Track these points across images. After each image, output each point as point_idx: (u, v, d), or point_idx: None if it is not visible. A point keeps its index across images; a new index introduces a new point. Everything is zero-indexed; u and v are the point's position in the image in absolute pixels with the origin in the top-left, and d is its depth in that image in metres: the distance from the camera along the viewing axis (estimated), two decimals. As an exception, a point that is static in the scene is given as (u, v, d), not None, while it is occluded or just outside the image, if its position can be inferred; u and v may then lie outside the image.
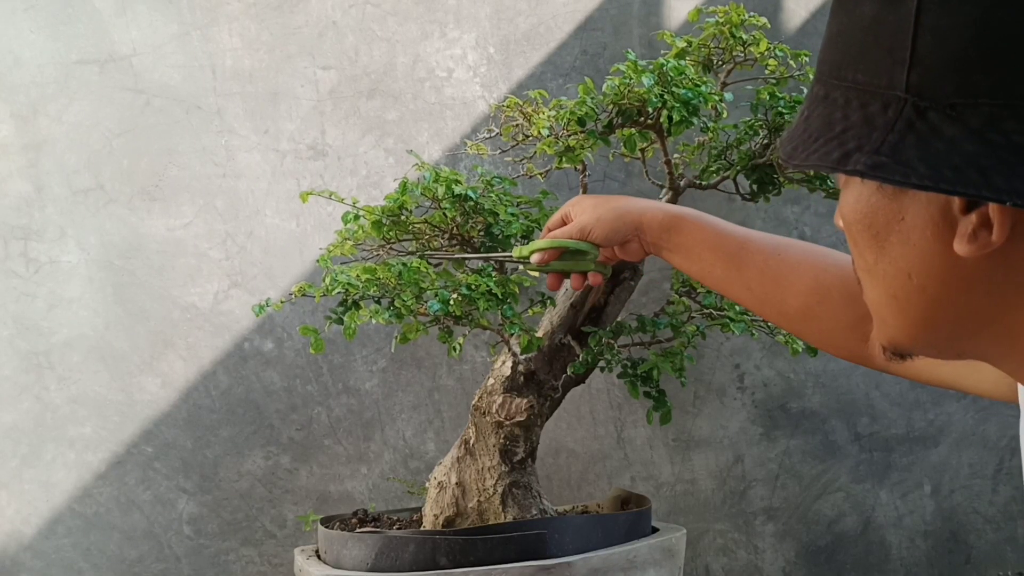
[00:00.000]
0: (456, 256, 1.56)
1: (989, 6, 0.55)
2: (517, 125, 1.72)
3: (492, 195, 1.69)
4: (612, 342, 1.69)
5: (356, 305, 1.56)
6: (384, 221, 1.66)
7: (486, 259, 1.54)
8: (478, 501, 1.75)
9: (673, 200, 1.79)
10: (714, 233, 1.08)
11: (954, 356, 0.68)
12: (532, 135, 1.70)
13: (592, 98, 1.64)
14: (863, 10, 0.60)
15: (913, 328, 0.66)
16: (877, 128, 0.59)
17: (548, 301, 1.75)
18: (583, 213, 1.19)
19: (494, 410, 1.73)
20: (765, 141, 1.74)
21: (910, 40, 0.57)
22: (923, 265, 0.62)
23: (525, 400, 1.72)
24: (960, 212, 0.59)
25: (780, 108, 1.72)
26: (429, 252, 1.61)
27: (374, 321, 1.56)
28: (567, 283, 1.77)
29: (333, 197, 1.77)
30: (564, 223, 1.24)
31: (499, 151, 1.82)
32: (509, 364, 1.74)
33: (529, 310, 1.77)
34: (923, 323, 0.65)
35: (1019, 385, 0.79)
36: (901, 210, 0.62)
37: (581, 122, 1.63)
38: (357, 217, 1.68)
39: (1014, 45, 0.55)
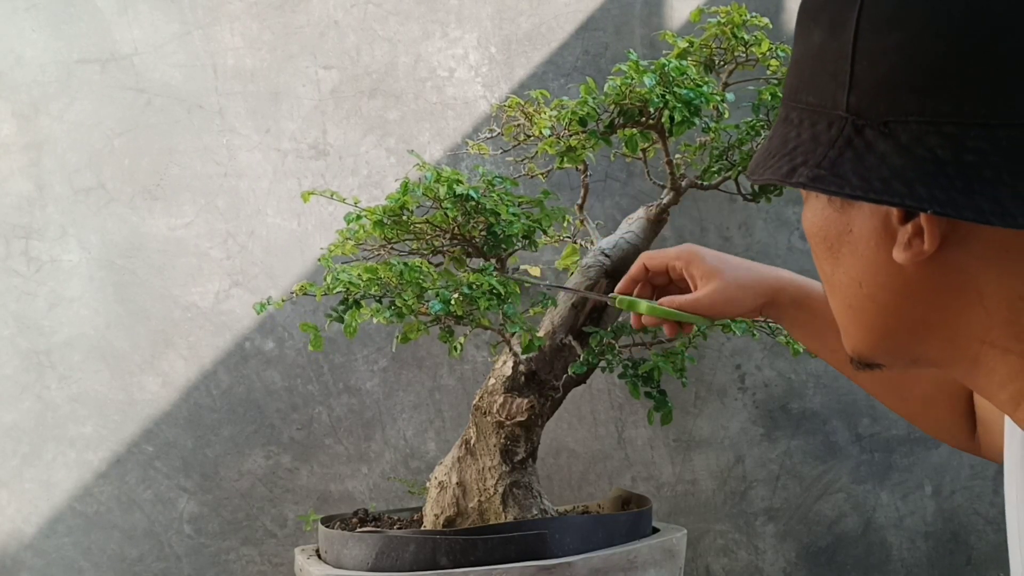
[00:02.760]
0: (551, 286, 1.57)
1: (914, 33, 0.60)
2: (518, 125, 1.72)
3: (493, 195, 1.69)
4: (613, 342, 1.69)
5: (357, 304, 1.56)
6: (385, 221, 1.66)
7: (584, 294, 1.52)
8: (479, 501, 1.75)
9: (674, 200, 1.79)
10: None
11: (910, 363, 0.72)
12: (533, 135, 1.69)
13: (594, 98, 1.64)
14: (813, 39, 0.67)
15: (869, 335, 0.70)
16: (821, 144, 0.64)
17: (549, 301, 1.75)
18: (706, 286, 1.11)
19: (495, 410, 1.72)
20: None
21: (849, 64, 0.63)
22: (871, 274, 0.67)
23: (526, 400, 1.72)
24: (898, 222, 0.64)
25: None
26: (518, 277, 1.61)
27: (375, 320, 1.56)
28: (568, 283, 1.78)
29: (334, 197, 1.76)
30: (667, 271, 1.15)
31: (500, 151, 1.82)
32: (510, 364, 1.74)
33: (530, 310, 1.77)
34: (877, 330, 0.70)
35: (1007, 419, 0.81)
36: (849, 222, 0.67)
37: (583, 122, 1.62)
38: (359, 217, 1.68)
39: (935, 68, 0.60)
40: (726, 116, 1.74)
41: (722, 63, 1.75)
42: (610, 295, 1.21)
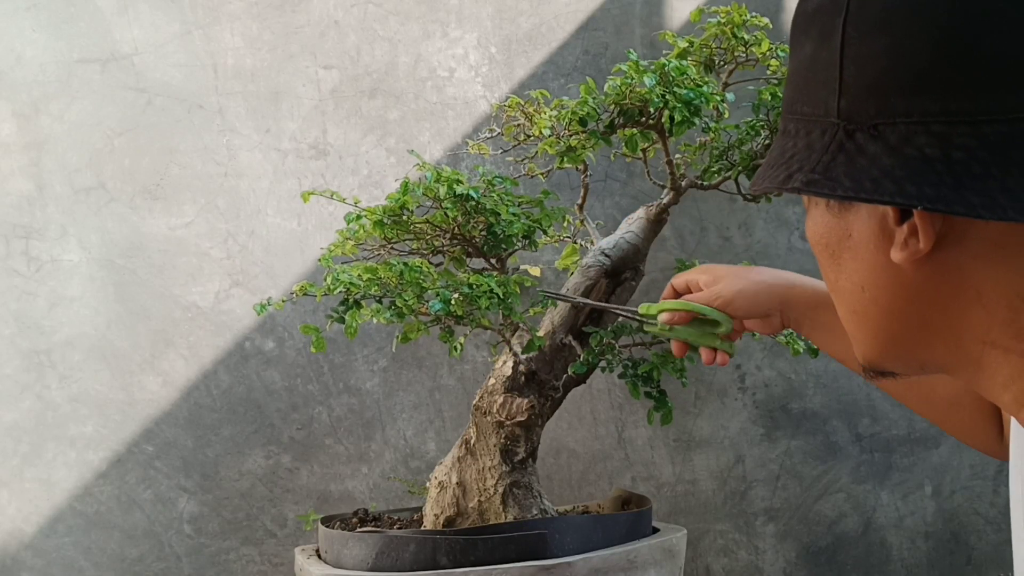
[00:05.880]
0: (581, 302, 1.59)
1: (899, 37, 0.62)
2: (519, 125, 1.72)
3: (493, 195, 1.69)
4: (613, 342, 1.69)
5: (357, 304, 1.56)
6: (385, 221, 1.66)
7: (615, 311, 1.54)
8: (479, 501, 1.75)
9: (674, 200, 1.79)
10: None
11: (918, 368, 0.72)
12: (534, 135, 1.69)
13: (594, 98, 1.64)
14: (804, 51, 0.68)
15: (875, 340, 0.71)
16: (815, 151, 0.66)
17: (549, 302, 1.75)
18: (720, 282, 1.17)
19: (495, 410, 1.72)
20: (767, 141, 1.74)
21: (838, 71, 0.64)
22: (872, 277, 0.68)
23: (526, 400, 1.72)
24: (895, 223, 0.65)
25: (781, 108, 1.72)
26: (553, 294, 1.64)
27: (375, 320, 1.56)
28: (568, 283, 1.78)
29: (335, 197, 1.76)
30: (689, 289, 1.22)
31: (501, 151, 1.82)
32: (510, 364, 1.74)
33: (530, 310, 1.77)
34: (882, 334, 0.71)
35: (1012, 421, 0.80)
36: (848, 227, 0.68)
37: (583, 122, 1.62)
38: (359, 217, 1.68)
39: (920, 70, 0.61)
40: (726, 116, 1.74)
41: (722, 63, 1.75)
42: (638, 312, 1.27)
